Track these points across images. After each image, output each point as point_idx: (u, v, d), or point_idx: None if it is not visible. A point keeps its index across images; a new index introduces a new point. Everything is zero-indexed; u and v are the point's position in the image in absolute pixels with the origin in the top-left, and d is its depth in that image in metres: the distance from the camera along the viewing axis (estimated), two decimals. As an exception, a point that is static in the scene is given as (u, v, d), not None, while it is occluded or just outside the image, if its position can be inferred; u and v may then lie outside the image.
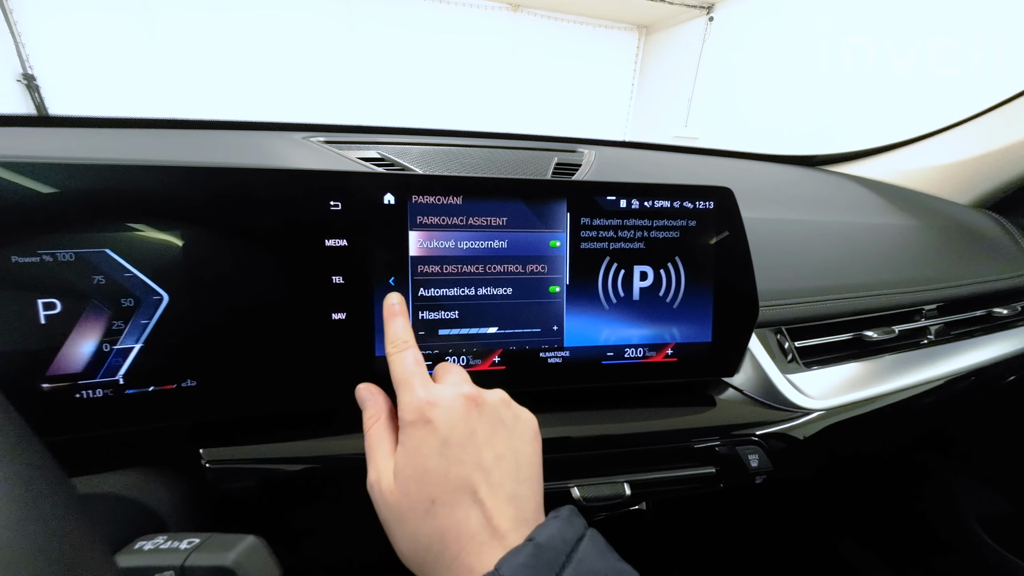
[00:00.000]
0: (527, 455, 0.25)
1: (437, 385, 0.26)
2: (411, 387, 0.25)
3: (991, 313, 0.60)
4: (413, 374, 0.26)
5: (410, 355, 0.27)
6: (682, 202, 0.38)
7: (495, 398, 0.26)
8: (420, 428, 0.24)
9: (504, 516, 0.22)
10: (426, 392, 0.25)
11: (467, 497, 0.22)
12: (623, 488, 0.38)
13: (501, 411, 0.26)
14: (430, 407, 0.24)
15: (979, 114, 0.75)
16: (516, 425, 0.26)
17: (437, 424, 0.23)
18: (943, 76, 2.64)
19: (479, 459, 0.23)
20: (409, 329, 0.29)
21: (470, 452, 0.23)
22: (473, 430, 0.24)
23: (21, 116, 0.53)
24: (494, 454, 0.24)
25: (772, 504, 0.79)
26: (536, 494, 0.25)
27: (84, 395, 0.28)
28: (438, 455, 0.23)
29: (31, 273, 0.26)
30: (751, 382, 0.44)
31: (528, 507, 0.24)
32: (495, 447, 0.24)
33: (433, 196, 0.33)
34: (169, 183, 0.29)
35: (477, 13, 4.71)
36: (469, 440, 0.24)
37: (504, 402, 0.27)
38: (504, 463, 0.24)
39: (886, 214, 0.68)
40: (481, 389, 0.26)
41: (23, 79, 3.58)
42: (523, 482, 0.24)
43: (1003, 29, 2.39)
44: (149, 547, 0.21)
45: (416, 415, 0.24)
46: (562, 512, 0.23)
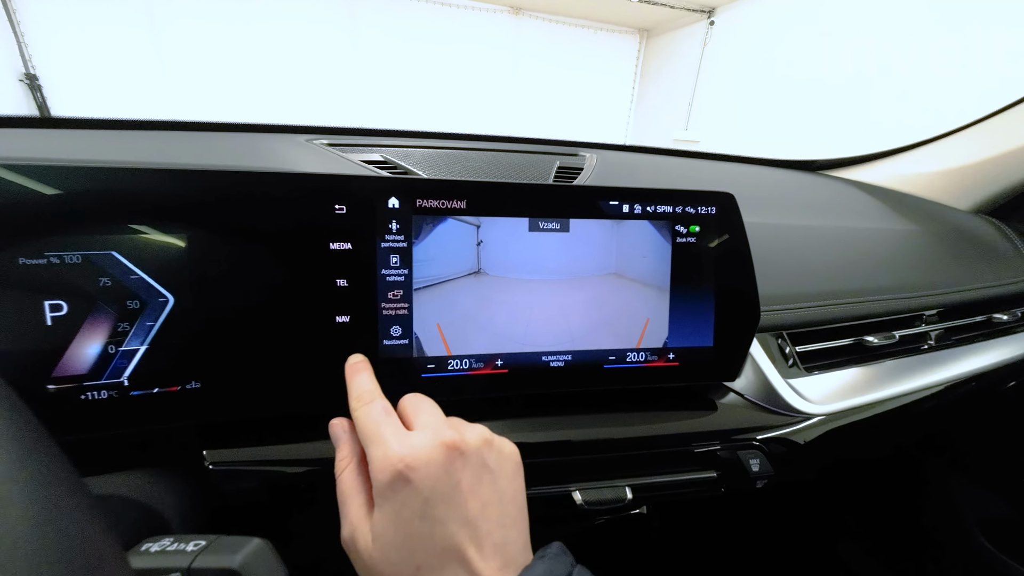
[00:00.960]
0: (511, 494, 0.24)
1: (412, 434, 0.23)
2: (383, 441, 0.23)
3: (991, 319, 0.60)
4: (382, 425, 0.24)
5: (377, 406, 0.25)
6: (684, 207, 0.38)
7: (476, 440, 0.24)
8: (399, 489, 0.22)
9: (490, 569, 0.21)
10: (400, 445, 0.22)
11: (454, 560, 0.21)
12: (625, 492, 0.38)
13: (484, 453, 0.24)
14: (407, 467, 0.22)
15: (980, 120, 0.75)
16: (500, 465, 0.24)
17: (417, 484, 0.21)
18: (946, 79, 2.65)
19: (464, 514, 0.22)
20: (375, 383, 0.28)
21: (455, 508, 0.22)
22: (456, 483, 0.22)
23: (27, 117, 0.53)
24: (480, 504, 0.23)
25: (773, 508, 0.79)
26: (522, 533, 0.24)
27: (89, 396, 0.28)
28: (420, 518, 0.21)
29: (38, 275, 0.26)
30: (752, 386, 0.44)
31: (515, 549, 0.23)
32: (480, 495, 0.23)
33: (437, 200, 0.34)
34: (175, 186, 0.29)
35: (479, 16, 4.73)
36: (453, 495, 0.22)
37: (486, 442, 0.25)
38: (490, 510, 0.23)
39: (887, 219, 0.68)
40: (460, 427, 0.24)
41: (25, 79, 3.59)
42: (509, 525, 0.23)
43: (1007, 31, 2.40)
44: (156, 549, 0.21)
45: (393, 474, 0.22)
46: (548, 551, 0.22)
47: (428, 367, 0.35)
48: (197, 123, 0.58)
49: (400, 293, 0.33)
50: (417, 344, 0.34)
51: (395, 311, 0.33)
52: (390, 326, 0.33)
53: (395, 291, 0.33)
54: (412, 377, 0.34)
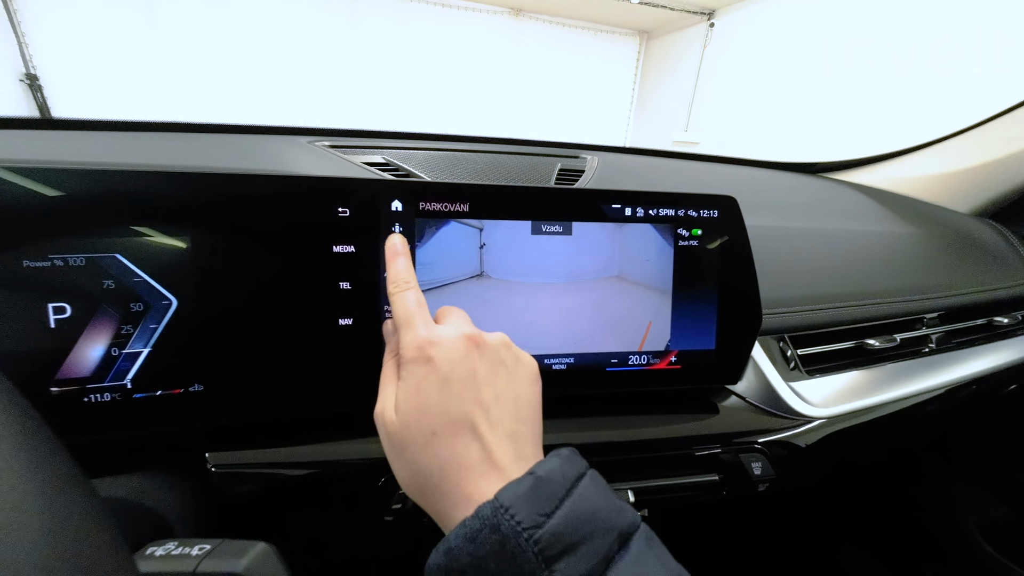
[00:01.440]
0: (526, 395, 0.26)
1: (438, 325, 0.26)
2: (412, 326, 0.25)
3: (992, 322, 0.60)
4: (414, 314, 0.26)
5: (411, 295, 0.27)
6: (687, 210, 0.38)
7: (496, 340, 0.26)
8: (421, 366, 0.24)
9: (503, 451, 0.23)
10: (427, 331, 0.25)
11: (467, 431, 0.23)
12: (627, 496, 0.38)
13: (502, 352, 0.26)
14: (431, 346, 0.24)
15: (980, 123, 0.75)
16: (516, 366, 0.26)
17: (437, 362, 0.24)
18: (948, 79, 2.65)
19: (479, 396, 0.24)
20: (411, 269, 0.29)
21: (470, 390, 0.24)
22: (473, 369, 0.24)
23: (28, 119, 0.53)
24: (494, 393, 0.24)
25: (775, 511, 0.79)
26: (535, 434, 0.25)
27: (93, 399, 0.28)
28: (439, 391, 0.23)
29: (42, 277, 0.26)
30: (754, 390, 0.44)
31: (527, 445, 0.24)
32: (495, 386, 0.24)
33: (440, 203, 0.34)
34: (179, 189, 0.29)
35: (479, 18, 4.74)
36: (469, 379, 0.24)
37: (505, 344, 0.26)
38: (503, 402, 0.24)
39: (888, 222, 0.68)
40: (482, 331, 0.26)
41: (26, 79, 3.59)
42: (521, 421, 0.25)
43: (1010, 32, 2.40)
44: (161, 552, 0.21)
45: (417, 353, 0.24)
46: (563, 452, 0.23)
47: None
48: (199, 125, 0.58)
49: (403, 296, 0.33)
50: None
51: (396, 313, 0.33)
52: (393, 329, 0.33)
53: (398, 294, 0.33)
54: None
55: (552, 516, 0.19)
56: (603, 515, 0.21)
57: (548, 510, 0.20)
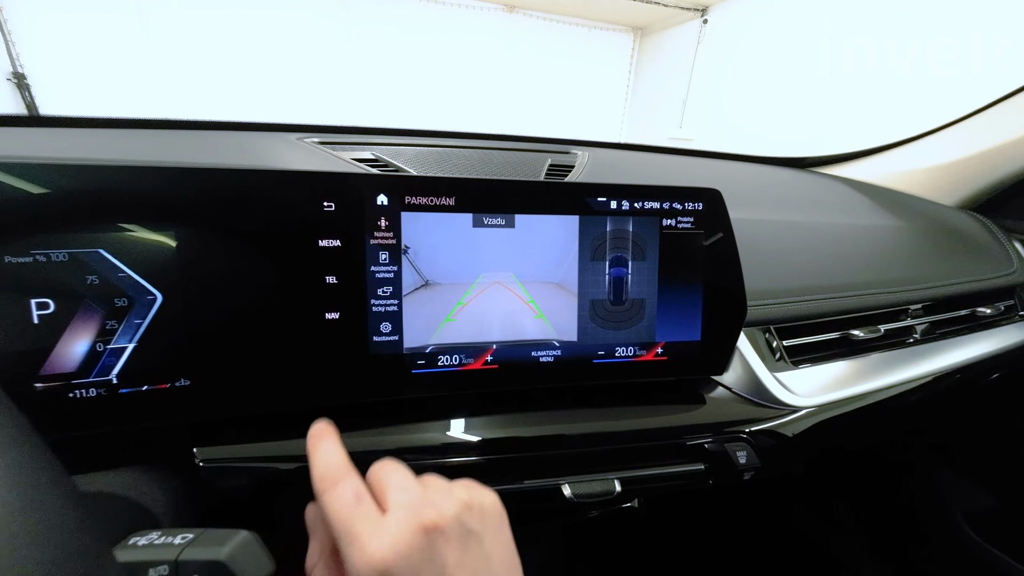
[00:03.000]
0: (500, 551, 0.23)
1: (386, 523, 0.21)
2: (357, 538, 0.20)
3: (975, 312, 0.61)
4: (355, 518, 0.21)
5: (348, 489, 0.22)
6: (671, 203, 0.38)
7: (456, 510, 0.22)
8: None
9: None
10: (379, 542, 0.20)
11: None
12: (614, 485, 0.39)
13: (465, 520, 0.22)
14: (389, 566, 0.20)
15: (965, 117, 0.76)
16: (483, 526, 0.23)
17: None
18: (941, 77, 2.66)
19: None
20: (342, 453, 0.24)
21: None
22: (443, 565, 0.21)
23: (13, 116, 0.53)
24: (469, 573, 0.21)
25: (762, 501, 0.80)
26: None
27: (78, 394, 0.28)
28: None
29: (24, 273, 0.26)
30: (740, 380, 0.44)
31: None
32: (467, 566, 0.21)
33: (426, 197, 0.34)
34: (163, 184, 0.29)
35: (472, 14, 4.71)
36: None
37: (465, 507, 0.23)
38: None
39: (873, 215, 0.69)
40: (437, 498, 0.22)
41: (13, 78, 3.54)
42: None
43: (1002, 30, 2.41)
44: (143, 542, 0.21)
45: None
46: None
47: (418, 363, 0.35)
48: (187, 121, 0.58)
49: (390, 290, 0.34)
50: (408, 339, 0.34)
51: (385, 308, 0.34)
52: (380, 323, 0.34)
53: (384, 288, 0.33)
54: (402, 374, 0.35)
55: None
56: None
57: None
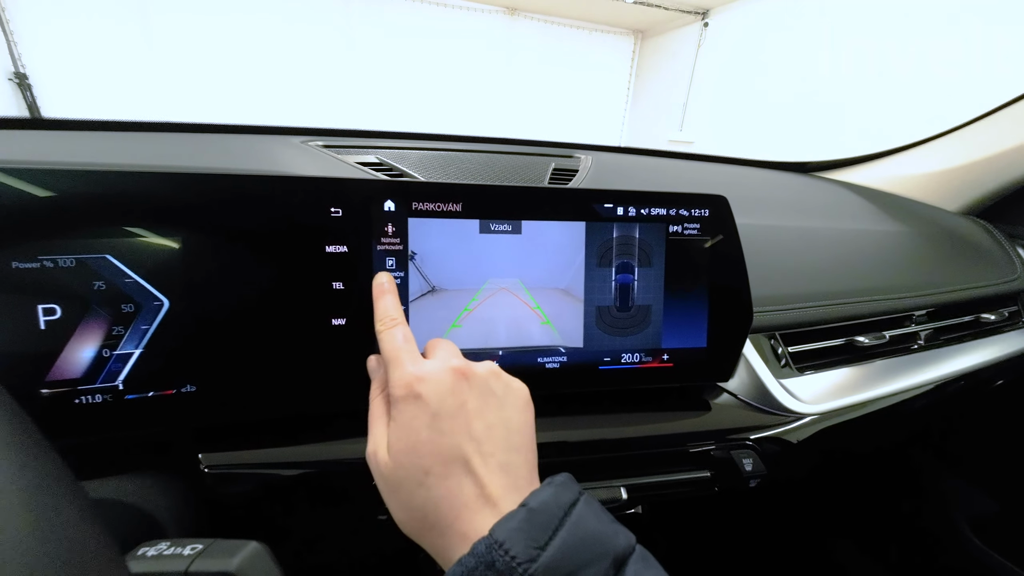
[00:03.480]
0: (518, 423, 0.26)
1: (426, 360, 0.26)
2: (400, 363, 0.25)
3: (979, 319, 0.61)
4: (401, 350, 0.26)
5: (399, 331, 0.27)
6: (678, 210, 0.38)
7: (484, 370, 0.26)
8: (410, 403, 0.24)
9: (496, 484, 0.23)
10: (415, 367, 0.25)
11: (459, 467, 0.23)
12: (620, 492, 0.38)
13: (491, 382, 0.26)
14: (419, 382, 0.24)
15: (969, 122, 0.76)
16: (507, 395, 0.26)
17: (427, 398, 0.24)
18: (943, 80, 2.65)
19: (469, 430, 0.24)
20: (399, 307, 0.29)
21: (460, 424, 0.24)
22: (463, 402, 0.24)
23: (17, 119, 0.53)
24: (485, 424, 0.24)
25: (766, 507, 0.79)
26: (528, 462, 0.25)
27: (84, 400, 0.28)
28: (429, 428, 0.23)
29: (31, 278, 0.26)
30: (745, 387, 0.44)
31: (521, 474, 0.24)
32: (485, 417, 0.24)
33: (433, 203, 0.34)
34: (170, 189, 0.29)
35: (474, 17, 4.73)
36: (459, 412, 0.24)
37: (494, 373, 0.26)
38: (495, 432, 0.24)
39: (877, 221, 0.69)
40: (471, 362, 0.26)
41: (15, 78, 3.55)
42: (514, 450, 0.24)
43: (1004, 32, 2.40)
44: (152, 553, 0.21)
45: (406, 390, 0.24)
46: (556, 479, 0.23)
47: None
48: (191, 124, 0.58)
49: (396, 296, 0.33)
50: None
51: (391, 314, 0.33)
52: (386, 328, 0.33)
53: (391, 294, 0.33)
54: (408, 379, 0.34)
55: (547, 548, 0.19)
56: (598, 541, 0.21)
57: (542, 542, 0.20)
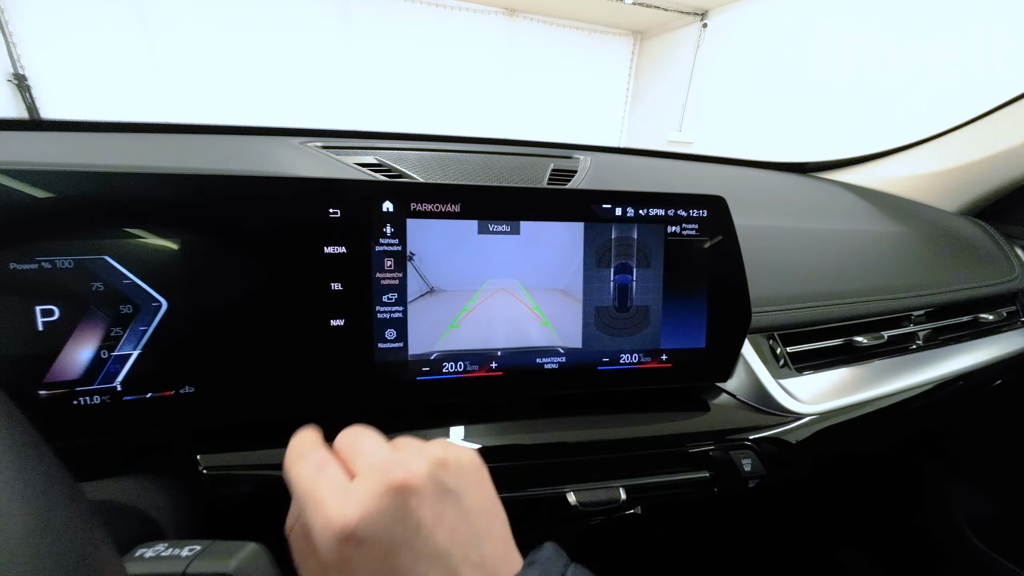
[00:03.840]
0: (480, 506, 0.22)
1: (353, 486, 0.20)
2: (319, 503, 0.19)
3: (977, 319, 0.61)
4: (317, 484, 0.20)
5: (312, 459, 0.21)
6: (676, 210, 0.39)
7: (429, 467, 0.21)
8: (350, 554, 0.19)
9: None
10: (342, 506, 0.19)
11: None
12: (619, 493, 0.38)
13: (440, 478, 0.21)
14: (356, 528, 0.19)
15: (967, 123, 0.76)
16: (460, 481, 0.21)
17: (371, 541, 0.19)
18: (943, 79, 2.65)
19: (433, 549, 0.20)
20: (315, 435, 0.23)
21: (420, 548, 0.19)
22: (417, 523, 0.20)
23: (16, 120, 0.52)
24: (448, 532, 0.20)
25: (765, 508, 0.79)
26: (500, 541, 0.22)
27: (82, 402, 0.28)
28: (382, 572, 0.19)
29: (29, 280, 0.26)
30: (744, 387, 0.44)
31: (496, 560, 0.21)
32: (446, 524, 0.20)
33: (432, 204, 0.34)
34: (169, 190, 0.29)
35: (473, 18, 4.73)
36: (416, 536, 0.19)
37: (440, 464, 0.21)
38: (459, 534, 0.20)
39: (876, 221, 0.69)
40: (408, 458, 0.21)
41: (14, 79, 3.54)
42: (483, 540, 0.21)
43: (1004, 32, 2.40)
44: (150, 554, 0.21)
45: (337, 542, 0.18)
46: (540, 554, 0.21)
47: (423, 370, 0.35)
48: (190, 126, 0.58)
49: (395, 297, 0.33)
50: (412, 346, 0.34)
51: (390, 314, 0.33)
52: (385, 329, 0.33)
53: (390, 294, 0.33)
54: (407, 381, 0.35)
55: None
56: None
57: None
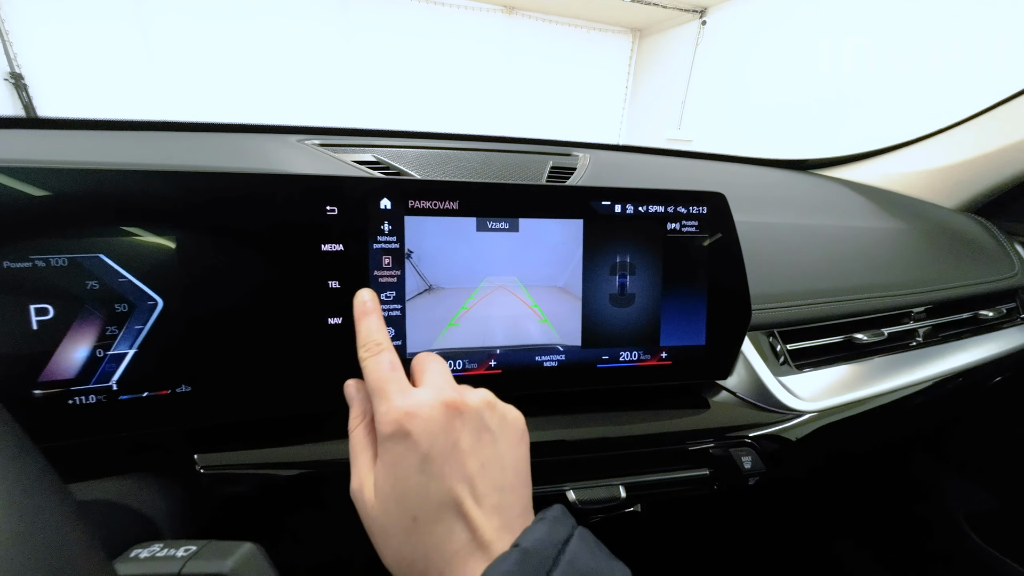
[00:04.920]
0: (513, 458, 0.24)
1: (416, 390, 0.24)
2: (387, 395, 0.23)
3: (977, 315, 0.61)
4: (388, 380, 0.24)
5: (385, 358, 0.25)
6: (676, 207, 0.38)
7: (478, 401, 0.24)
8: (399, 443, 0.22)
9: (489, 526, 0.22)
10: (403, 400, 0.23)
11: (450, 512, 0.22)
12: (618, 491, 0.38)
13: (485, 415, 0.24)
14: (408, 419, 0.22)
15: (966, 119, 0.76)
16: (502, 428, 0.25)
17: (417, 438, 0.22)
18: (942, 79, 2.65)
19: (463, 471, 0.22)
20: (383, 329, 0.27)
21: (452, 465, 0.22)
22: (455, 441, 0.23)
23: (12, 118, 0.52)
24: (478, 463, 0.23)
25: (765, 505, 0.79)
26: (522, 498, 0.24)
27: (77, 401, 0.28)
28: (418, 472, 0.22)
29: (23, 278, 0.26)
30: (744, 384, 0.44)
31: (514, 512, 0.23)
32: (479, 455, 0.23)
33: (430, 201, 0.34)
34: (164, 188, 0.29)
35: (472, 16, 4.72)
36: (452, 452, 0.22)
37: (488, 404, 0.25)
38: (489, 471, 0.23)
39: (876, 218, 0.69)
40: (464, 390, 0.25)
41: (10, 78, 3.53)
42: (508, 488, 0.23)
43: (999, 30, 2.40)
44: (145, 555, 0.21)
45: (394, 427, 0.22)
46: (549, 514, 0.22)
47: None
48: (187, 123, 0.57)
49: (393, 294, 0.33)
50: (411, 344, 0.34)
51: (388, 312, 0.33)
52: (383, 327, 0.33)
53: (388, 292, 0.33)
54: (405, 378, 0.34)
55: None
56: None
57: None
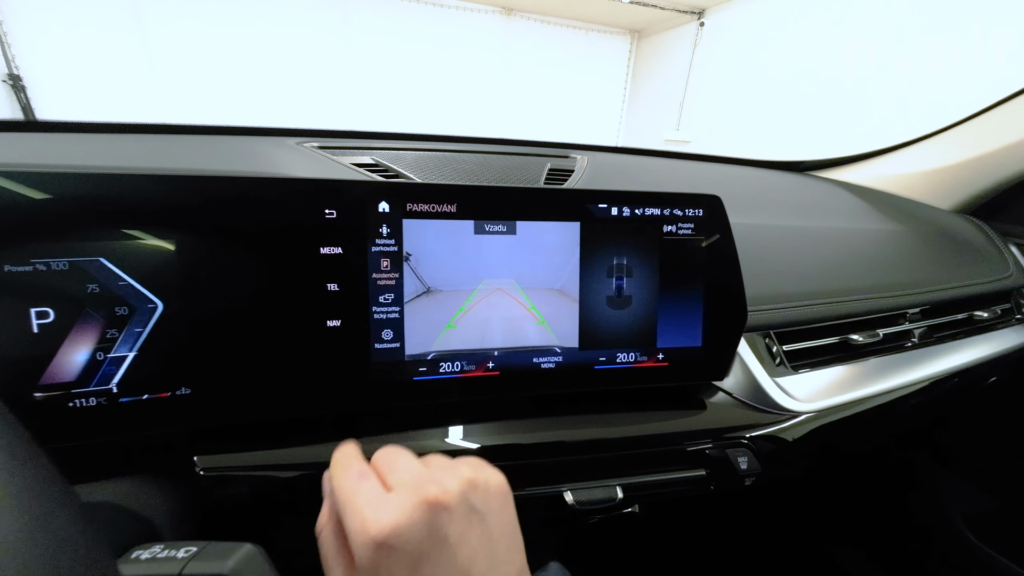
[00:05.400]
0: (501, 529, 0.23)
1: (389, 497, 0.21)
2: (357, 510, 0.21)
3: (972, 316, 0.61)
4: (357, 492, 0.22)
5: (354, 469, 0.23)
6: (672, 210, 0.39)
7: (461, 485, 0.22)
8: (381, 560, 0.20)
9: None
10: (377, 513, 0.20)
11: None
12: (615, 491, 0.39)
13: (469, 498, 0.22)
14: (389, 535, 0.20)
15: (962, 121, 0.77)
16: (487, 504, 0.23)
17: (401, 549, 0.20)
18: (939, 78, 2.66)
19: (455, 565, 0.21)
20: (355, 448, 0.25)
21: (444, 563, 0.21)
22: (444, 538, 0.21)
23: (11, 121, 0.52)
24: (469, 551, 0.21)
25: (762, 505, 0.80)
26: (516, 562, 0.23)
27: (78, 404, 0.28)
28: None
29: (24, 282, 0.26)
30: (740, 385, 0.45)
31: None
32: (469, 543, 0.21)
33: (428, 204, 0.34)
34: (164, 191, 0.29)
35: (470, 17, 4.73)
36: (441, 551, 0.21)
37: (471, 484, 0.22)
38: (480, 554, 0.21)
39: (871, 219, 0.69)
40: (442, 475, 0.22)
41: (9, 80, 3.53)
42: (502, 560, 0.22)
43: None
44: (146, 556, 0.21)
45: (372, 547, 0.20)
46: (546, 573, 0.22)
47: (420, 370, 0.35)
48: (186, 126, 0.57)
49: (391, 297, 0.34)
50: (409, 347, 0.34)
51: (386, 315, 0.34)
52: (381, 330, 0.34)
53: (386, 295, 0.33)
54: (404, 381, 0.35)
55: None
56: None
57: None
